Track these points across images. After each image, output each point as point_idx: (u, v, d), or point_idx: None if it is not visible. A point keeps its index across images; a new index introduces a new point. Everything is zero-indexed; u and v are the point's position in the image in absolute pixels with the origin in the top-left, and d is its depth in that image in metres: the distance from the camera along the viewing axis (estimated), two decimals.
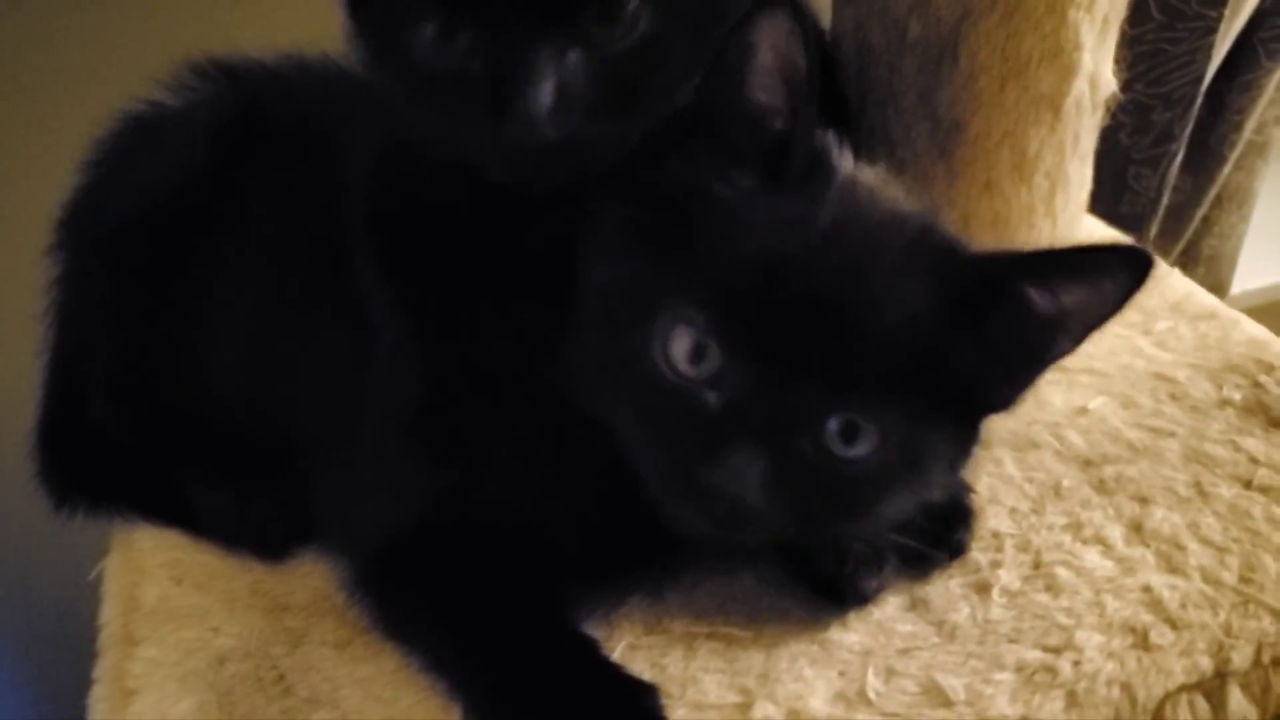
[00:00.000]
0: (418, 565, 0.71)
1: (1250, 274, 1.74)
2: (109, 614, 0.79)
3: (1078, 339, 0.61)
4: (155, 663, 0.73)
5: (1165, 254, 1.56)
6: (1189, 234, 1.55)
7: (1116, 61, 0.91)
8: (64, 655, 1.12)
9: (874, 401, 0.59)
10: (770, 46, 0.60)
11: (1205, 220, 1.55)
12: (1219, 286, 1.63)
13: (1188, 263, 1.60)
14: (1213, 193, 1.52)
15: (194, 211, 0.83)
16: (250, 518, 0.82)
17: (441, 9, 0.65)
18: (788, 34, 0.59)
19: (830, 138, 0.66)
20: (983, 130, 0.87)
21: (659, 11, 0.65)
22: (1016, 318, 0.60)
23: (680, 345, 0.60)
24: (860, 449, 0.59)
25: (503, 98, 0.63)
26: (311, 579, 0.78)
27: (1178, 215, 1.52)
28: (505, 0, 0.63)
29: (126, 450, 0.89)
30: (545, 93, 0.63)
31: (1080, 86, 0.86)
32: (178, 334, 0.85)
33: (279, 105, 0.84)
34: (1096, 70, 0.87)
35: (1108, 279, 0.58)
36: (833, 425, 0.59)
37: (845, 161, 0.65)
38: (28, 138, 1.14)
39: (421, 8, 0.65)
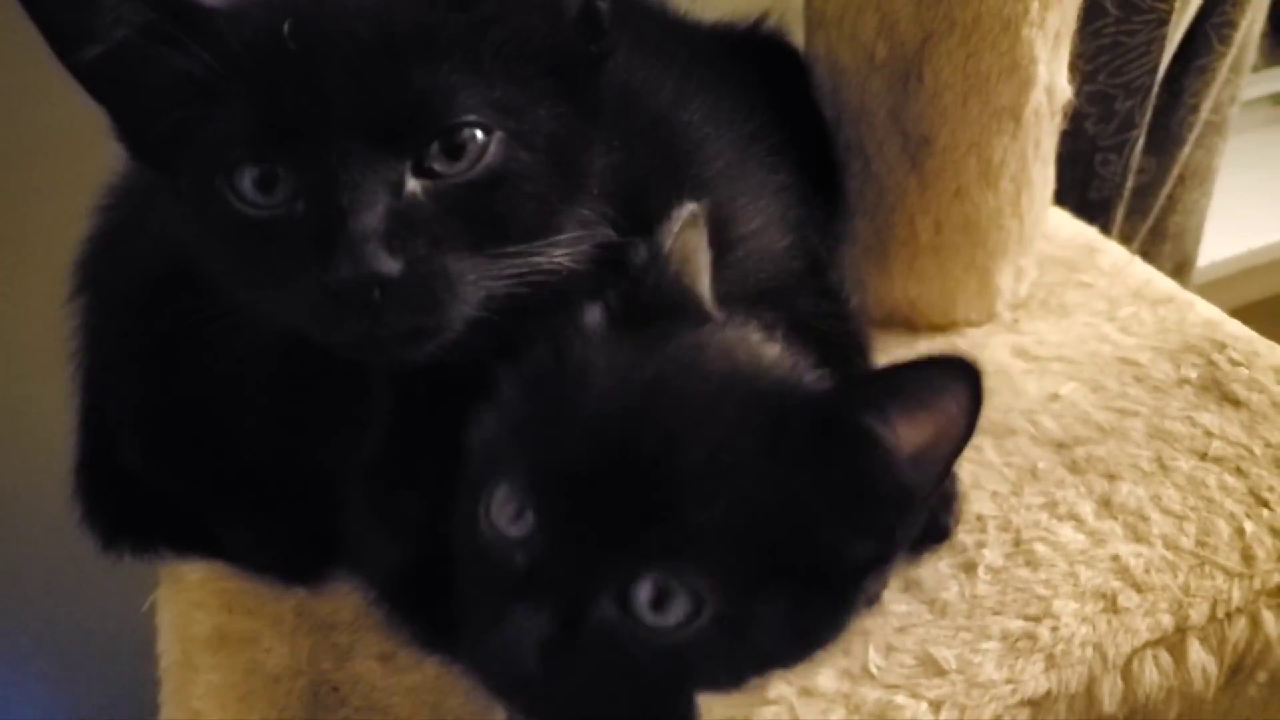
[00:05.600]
0: (425, 587, 0.71)
1: (1216, 246, 1.75)
2: (166, 643, 0.81)
3: (938, 470, 0.55)
4: (217, 686, 0.75)
5: (1134, 232, 1.57)
6: (1155, 212, 1.56)
7: (1074, 60, 0.94)
8: (108, 686, 1.12)
9: (691, 566, 0.54)
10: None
11: (1170, 198, 1.56)
12: (1186, 261, 1.64)
13: (1156, 239, 1.61)
14: (1175, 172, 1.53)
15: None
16: (272, 547, 0.83)
17: (262, 147, 0.59)
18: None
19: (701, 290, 0.64)
20: (950, 142, 0.91)
21: (511, 141, 0.60)
22: (862, 456, 0.55)
23: (504, 506, 0.57)
24: (671, 617, 0.54)
25: (328, 233, 0.56)
26: (353, 598, 0.79)
27: (1144, 195, 1.52)
28: (331, 132, 0.57)
29: (156, 492, 0.87)
30: (374, 215, 0.56)
31: (1038, 97, 0.90)
32: (201, 381, 0.80)
33: None
34: (1052, 80, 0.91)
35: (948, 395, 0.52)
36: (643, 592, 0.54)
37: (713, 314, 0.63)
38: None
39: (239, 149, 0.59)
